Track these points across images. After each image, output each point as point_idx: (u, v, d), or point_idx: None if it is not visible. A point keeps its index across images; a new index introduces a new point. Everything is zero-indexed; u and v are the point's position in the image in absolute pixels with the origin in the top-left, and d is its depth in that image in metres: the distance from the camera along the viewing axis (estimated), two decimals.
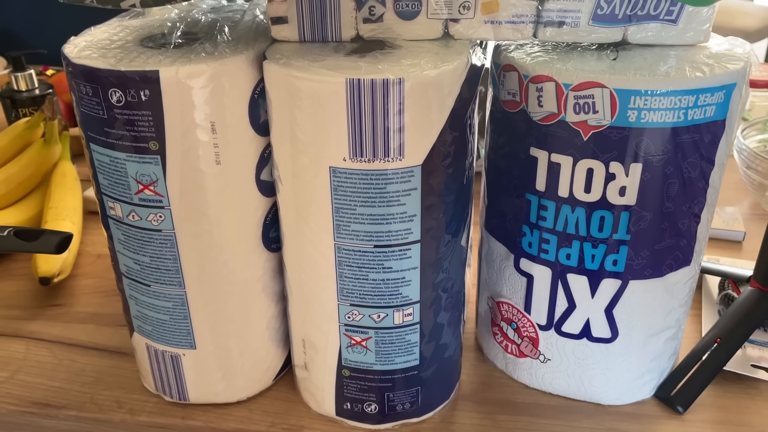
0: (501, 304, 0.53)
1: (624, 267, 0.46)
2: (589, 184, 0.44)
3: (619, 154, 0.42)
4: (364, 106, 0.38)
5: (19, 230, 0.60)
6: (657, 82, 0.40)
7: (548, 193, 0.46)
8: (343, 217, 0.42)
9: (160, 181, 0.43)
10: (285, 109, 0.41)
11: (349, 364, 0.48)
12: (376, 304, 0.45)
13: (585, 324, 0.49)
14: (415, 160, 0.41)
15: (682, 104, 0.41)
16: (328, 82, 0.38)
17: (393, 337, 0.47)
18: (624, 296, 0.47)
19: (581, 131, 0.43)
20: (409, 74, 0.38)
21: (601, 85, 0.41)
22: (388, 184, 0.41)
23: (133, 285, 0.49)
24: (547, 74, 0.42)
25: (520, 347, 0.53)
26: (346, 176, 0.41)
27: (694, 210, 0.45)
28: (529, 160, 0.46)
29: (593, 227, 0.45)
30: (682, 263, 0.47)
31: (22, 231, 0.60)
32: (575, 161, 0.44)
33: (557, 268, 0.48)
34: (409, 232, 0.43)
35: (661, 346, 0.51)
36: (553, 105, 0.43)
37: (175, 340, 0.50)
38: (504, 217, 0.50)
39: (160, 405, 0.54)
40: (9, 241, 0.59)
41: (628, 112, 0.41)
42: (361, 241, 0.43)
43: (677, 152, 0.42)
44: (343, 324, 0.46)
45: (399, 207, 0.42)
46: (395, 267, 0.44)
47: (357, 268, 0.44)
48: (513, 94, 0.45)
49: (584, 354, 0.50)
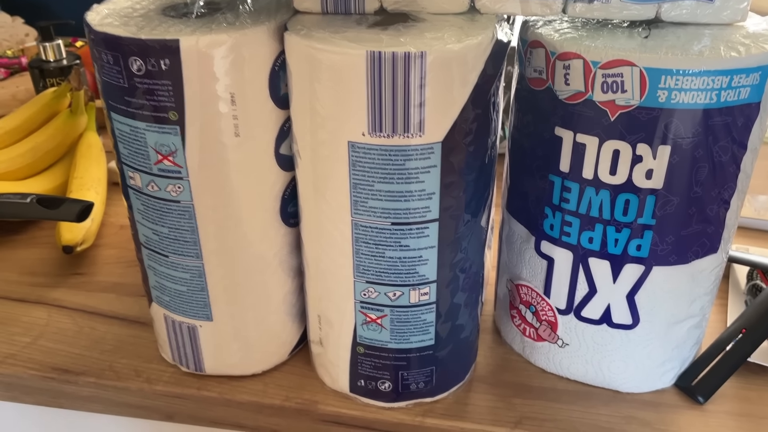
0: (520, 287, 0.53)
1: (648, 252, 0.45)
2: (614, 166, 0.43)
3: (648, 135, 0.41)
4: (384, 79, 0.37)
5: (42, 198, 0.60)
6: (689, 61, 0.38)
7: (572, 175, 0.45)
8: (360, 193, 0.42)
9: (179, 151, 0.43)
10: (305, 81, 0.40)
11: (364, 342, 0.48)
12: (392, 282, 0.45)
13: (605, 309, 0.48)
14: (435, 137, 0.40)
15: (714, 85, 0.39)
16: (348, 54, 0.37)
17: (408, 316, 0.46)
18: (647, 282, 0.46)
19: (608, 111, 0.41)
20: (432, 48, 0.37)
21: (631, 63, 0.39)
22: (408, 161, 0.40)
23: (151, 255, 0.49)
24: (575, 51, 0.41)
25: (538, 331, 0.53)
26: (365, 151, 0.40)
27: (723, 196, 0.44)
28: (554, 140, 0.45)
29: (617, 211, 0.44)
30: (708, 250, 0.46)
31: (44, 198, 0.60)
32: (601, 142, 0.42)
33: (579, 251, 0.47)
34: (427, 210, 0.42)
35: (683, 335, 0.50)
36: (580, 83, 0.42)
37: (192, 312, 0.50)
38: (526, 199, 0.49)
39: (176, 375, 0.54)
40: (31, 208, 0.60)
41: (658, 92, 0.40)
42: (379, 218, 0.42)
43: (708, 135, 0.41)
44: (358, 301, 0.46)
45: (418, 184, 0.41)
46: (412, 245, 0.43)
47: (374, 245, 0.43)
48: (539, 71, 0.44)
49: (604, 340, 0.49)
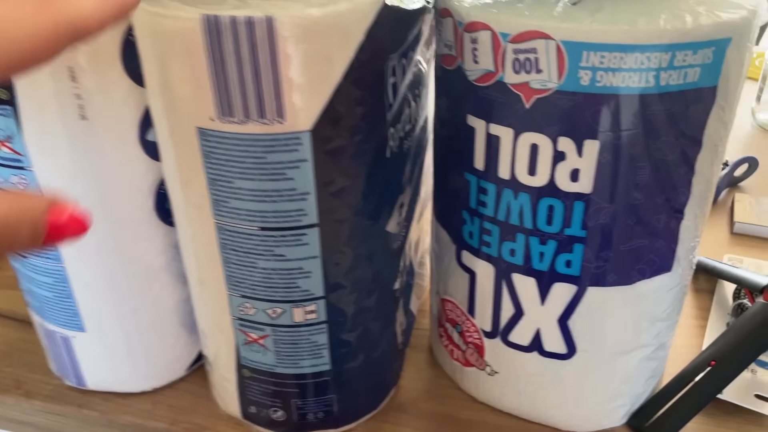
0: (445, 302, 0.45)
1: (580, 270, 0.37)
2: (533, 165, 0.35)
3: (570, 127, 0.33)
4: (226, 51, 0.30)
5: None
6: (617, 33, 0.30)
7: (488, 174, 0.37)
8: (220, 190, 0.34)
9: (17, 137, 0.36)
10: (149, 53, 0.33)
11: (249, 364, 0.41)
12: (269, 297, 0.37)
13: (535, 335, 0.40)
14: (301, 124, 0.32)
15: (651, 64, 0.31)
16: (182, 18, 0.30)
17: (294, 337, 0.39)
18: (581, 305, 0.38)
19: (523, 96, 0.33)
20: (285, 12, 0.30)
21: (546, 35, 0.31)
22: (268, 153, 0.33)
23: (14, 255, 0.43)
24: (483, 21, 0.33)
25: (465, 354, 0.45)
26: (218, 140, 0.33)
27: (673, 203, 0.35)
28: (467, 131, 0.37)
29: (540, 218, 0.36)
30: (659, 269, 0.38)
31: None
32: (516, 134, 0.34)
33: (501, 265, 0.39)
34: (302, 214, 0.35)
35: (633, 367, 0.41)
36: (489, 61, 0.34)
37: (63, 321, 0.44)
38: (447, 200, 0.41)
39: (59, 389, 0.48)
40: None
41: (580, 73, 0.31)
42: (244, 221, 0.35)
43: (647, 128, 0.32)
44: (236, 318, 0.39)
45: (285, 182, 0.34)
46: (289, 255, 0.36)
47: (243, 253, 0.36)
48: (449, 46, 0.36)
49: (536, 370, 0.41)
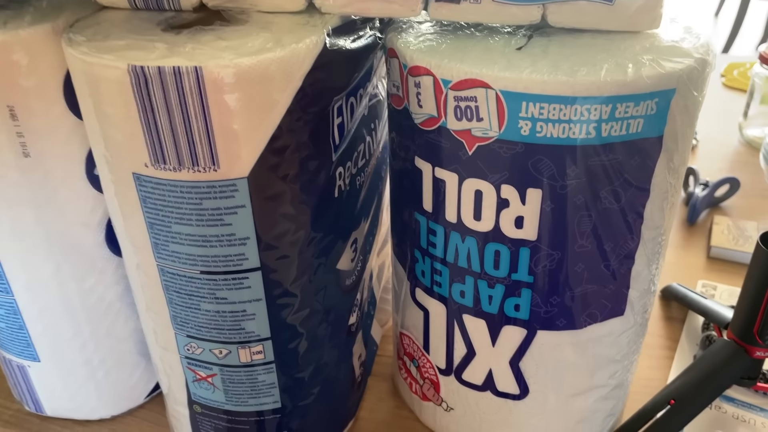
0: (403, 336, 0.44)
1: (529, 314, 0.36)
2: (478, 210, 0.34)
3: (512, 175, 0.32)
4: (155, 100, 0.29)
5: None
6: (556, 84, 0.29)
7: (436, 216, 0.36)
8: (158, 234, 0.34)
9: None
10: (86, 97, 0.33)
11: (199, 400, 0.40)
12: (214, 338, 0.37)
13: (488, 375, 0.39)
14: (236, 171, 0.32)
15: (592, 116, 0.30)
16: (109, 67, 0.29)
17: (242, 377, 0.38)
18: (532, 348, 0.37)
19: (465, 143, 0.32)
20: (213, 62, 0.29)
21: (485, 84, 0.30)
22: (204, 200, 0.32)
23: None
24: (425, 66, 0.32)
25: (422, 389, 0.44)
26: (153, 186, 0.32)
27: (622, 250, 0.35)
28: (416, 172, 0.36)
29: (487, 263, 0.35)
30: (611, 313, 0.37)
31: None
32: (461, 179, 0.33)
33: (452, 305, 0.38)
34: (242, 258, 0.34)
35: (589, 407, 0.41)
36: (432, 106, 0.33)
37: (17, 350, 0.44)
38: (402, 237, 0.41)
39: (20, 414, 0.48)
40: None
41: (520, 123, 0.31)
42: (185, 265, 0.34)
43: (590, 178, 0.32)
44: (183, 356, 0.39)
45: (224, 228, 0.33)
46: (231, 298, 0.35)
47: (186, 295, 0.36)
48: (397, 87, 0.36)
49: (490, 409, 0.41)
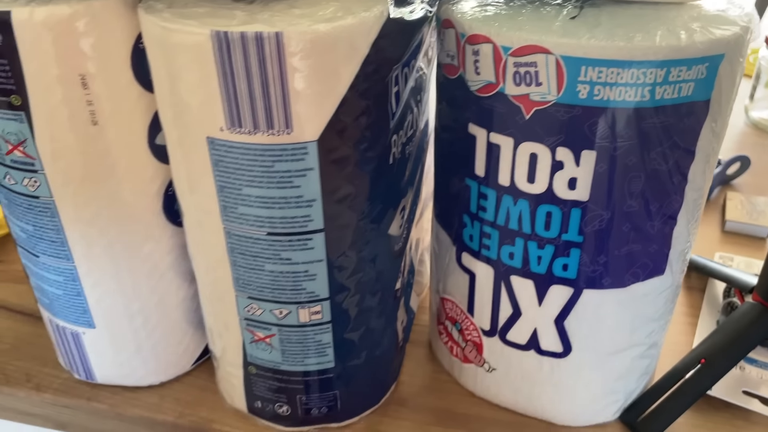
0: (445, 301, 0.46)
1: (576, 273, 0.38)
2: (532, 173, 0.36)
3: (568, 138, 0.34)
4: (236, 65, 0.31)
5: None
6: (615, 49, 0.31)
7: (488, 180, 0.38)
8: (228, 197, 0.35)
9: (29, 141, 0.37)
10: (160, 64, 0.34)
11: (255, 361, 0.42)
12: (276, 298, 0.39)
13: (532, 334, 0.41)
14: (308, 135, 0.33)
15: (647, 79, 0.32)
16: (192, 33, 0.31)
17: (300, 336, 0.40)
18: (577, 307, 0.39)
19: (523, 107, 0.34)
20: (292, 28, 0.30)
21: (546, 50, 0.32)
22: (276, 162, 0.34)
23: (25, 254, 0.44)
24: (484, 34, 0.34)
25: (464, 351, 0.46)
26: (226, 149, 0.34)
27: (667, 210, 0.37)
28: (468, 138, 0.38)
29: (538, 224, 0.37)
30: (652, 272, 0.39)
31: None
32: (516, 143, 0.35)
33: (500, 267, 0.40)
34: (308, 220, 0.36)
35: (627, 365, 0.43)
36: (490, 73, 0.35)
37: (73, 317, 0.45)
38: (448, 203, 0.43)
39: (68, 382, 0.50)
40: None
41: (578, 87, 0.32)
42: (252, 227, 0.36)
43: (642, 139, 0.34)
44: (243, 318, 0.40)
45: (293, 190, 0.35)
46: (295, 258, 0.37)
47: (251, 257, 0.37)
48: (452, 56, 0.37)
49: (532, 367, 0.43)
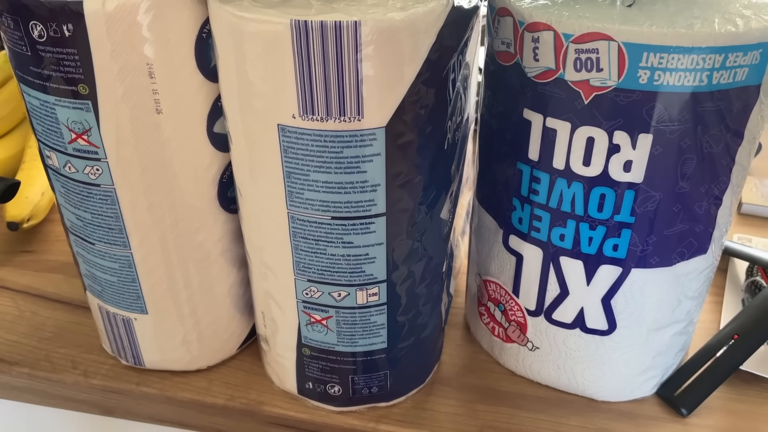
0: (488, 283, 0.48)
1: (626, 253, 0.40)
2: (588, 156, 0.37)
3: (626, 122, 0.35)
4: (313, 53, 0.32)
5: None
6: (676, 36, 0.33)
7: (542, 164, 0.39)
8: (295, 183, 0.36)
9: (94, 129, 0.38)
10: (230, 53, 0.35)
11: (310, 343, 0.43)
12: (336, 281, 0.40)
13: (579, 313, 0.43)
14: (377, 121, 0.34)
15: (706, 65, 0.33)
16: (271, 23, 0.32)
17: (356, 318, 0.41)
18: (624, 286, 0.41)
19: (582, 93, 0.36)
20: (369, 16, 0.31)
21: (608, 37, 0.33)
22: (346, 148, 0.35)
23: (78, 242, 0.45)
24: (545, 21, 0.35)
25: (507, 331, 0.48)
26: (297, 136, 0.35)
27: (714, 191, 0.38)
28: (522, 124, 0.39)
29: (591, 206, 0.39)
30: (696, 251, 0.41)
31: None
32: (573, 128, 0.37)
33: (549, 249, 0.42)
34: (372, 204, 0.37)
35: (666, 342, 0.45)
36: (550, 59, 0.36)
37: (125, 303, 0.46)
38: (495, 188, 0.44)
39: (115, 368, 0.50)
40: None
41: (639, 72, 0.34)
42: (317, 212, 0.37)
43: (697, 122, 0.35)
44: (300, 300, 0.41)
45: (359, 175, 0.36)
46: (356, 242, 0.38)
47: (313, 241, 0.38)
48: (507, 44, 0.38)
49: (577, 345, 0.44)
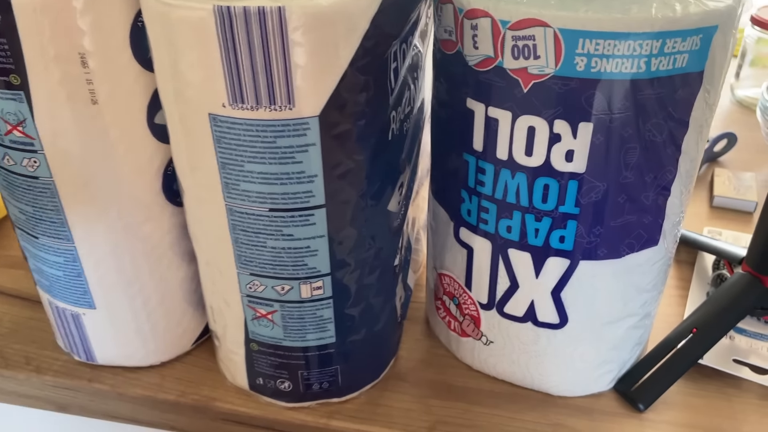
0: (443, 276, 0.47)
1: (573, 245, 0.39)
2: (530, 146, 0.36)
3: (566, 110, 0.35)
4: (239, 41, 0.31)
5: None
6: (612, 21, 0.32)
7: (486, 154, 0.38)
8: (230, 173, 0.36)
9: (28, 121, 0.37)
10: (160, 41, 0.34)
11: (257, 338, 0.43)
12: (278, 274, 0.39)
13: (529, 306, 0.42)
14: (309, 110, 0.34)
15: (643, 51, 0.32)
16: (194, 9, 0.31)
17: (302, 312, 0.41)
18: (573, 278, 0.40)
19: (521, 81, 0.35)
20: (294, 2, 0.31)
21: (544, 23, 0.33)
22: (278, 138, 0.34)
23: (24, 236, 0.44)
24: (482, 8, 0.34)
25: (462, 325, 0.47)
26: (228, 126, 0.34)
27: (661, 181, 0.37)
28: (466, 114, 0.38)
29: (536, 197, 0.38)
30: (646, 243, 0.40)
31: None
32: (514, 117, 0.36)
33: (497, 241, 0.41)
34: (310, 195, 0.36)
35: (621, 335, 0.44)
36: (489, 47, 0.35)
37: (73, 298, 0.45)
38: (445, 179, 0.43)
39: (68, 364, 0.50)
40: None
41: (576, 59, 0.33)
42: (254, 203, 0.36)
43: (638, 111, 0.34)
44: (245, 295, 0.41)
45: (294, 165, 0.35)
46: (297, 234, 0.37)
47: (253, 233, 0.38)
48: (449, 32, 0.38)
49: (530, 339, 0.44)
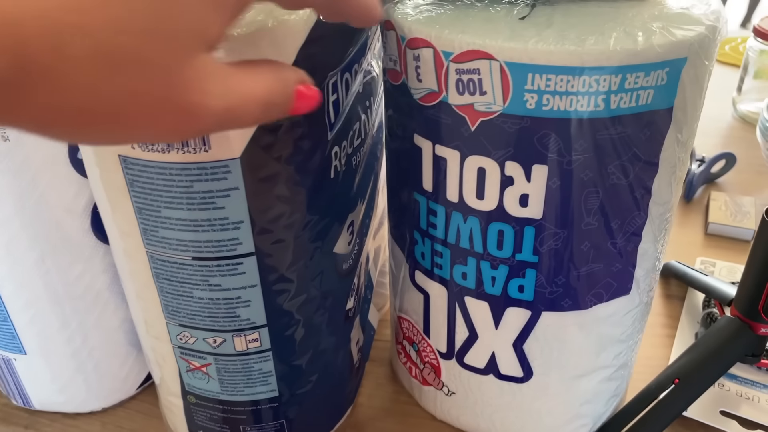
0: (402, 320, 0.43)
1: (533, 295, 0.35)
2: (481, 188, 0.33)
3: (517, 151, 0.31)
4: None
5: None
6: (563, 54, 0.28)
7: (437, 195, 0.35)
8: (147, 219, 0.32)
9: None
10: None
11: (194, 391, 0.39)
12: (208, 326, 0.36)
13: (491, 358, 0.38)
14: (227, 152, 0.30)
15: (601, 87, 0.28)
16: None
17: (238, 365, 0.37)
18: (536, 330, 0.36)
19: (467, 118, 0.31)
20: None
21: (489, 56, 0.29)
22: (195, 182, 0.31)
23: None
24: (424, 37, 0.31)
25: (422, 373, 0.43)
26: (140, 169, 0.31)
27: (629, 227, 0.34)
28: (415, 151, 0.35)
29: (490, 243, 0.34)
30: (617, 292, 0.36)
31: None
32: (463, 157, 0.32)
33: (453, 288, 0.37)
34: (236, 243, 0.33)
35: (593, 388, 0.40)
36: (432, 80, 0.31)
37: (2, 343, 0.42)
38: (400, 218, 0.40)
39: (6, 408, 0.47)
40: None
41: (526, 96, 0.29)
42: (176, 251, 0.33)
43: (598, 152, 0.30)
44: (176, 346, 0.37)
45: (216, 211, 0.32)
46: (225, 284, 0.34)
47: (178, 283, 0.34)
48: (394, 61, 0.34)
49: (493, 392, 0.40)
